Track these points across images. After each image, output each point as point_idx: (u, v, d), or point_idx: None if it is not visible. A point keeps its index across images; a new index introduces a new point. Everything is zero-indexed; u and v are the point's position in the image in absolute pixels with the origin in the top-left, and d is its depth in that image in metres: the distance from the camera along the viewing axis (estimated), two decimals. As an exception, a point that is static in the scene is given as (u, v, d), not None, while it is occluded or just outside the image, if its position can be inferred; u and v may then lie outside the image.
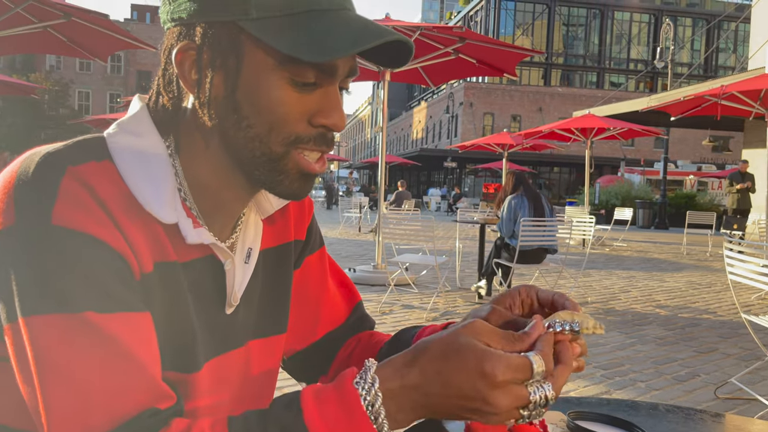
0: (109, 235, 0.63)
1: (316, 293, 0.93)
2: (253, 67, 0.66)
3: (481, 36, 6.90)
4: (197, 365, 0.72)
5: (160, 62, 0.72)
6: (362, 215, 15.39)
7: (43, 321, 0.59)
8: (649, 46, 49.45)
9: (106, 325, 0.60)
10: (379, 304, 5.66)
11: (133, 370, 0.61)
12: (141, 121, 0.72)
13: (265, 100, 0.66)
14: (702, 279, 8.43)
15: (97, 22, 5.40)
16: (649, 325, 5.42)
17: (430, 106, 52.39)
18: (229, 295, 0.77)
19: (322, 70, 0.67)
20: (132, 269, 0.65)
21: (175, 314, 0.70)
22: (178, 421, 0.61)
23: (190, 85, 0.68)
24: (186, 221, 0.70)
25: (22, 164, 0.64)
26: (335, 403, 0.58)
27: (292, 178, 0.70)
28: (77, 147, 0.66)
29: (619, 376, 3.91)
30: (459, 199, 27.39)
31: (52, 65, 47.79)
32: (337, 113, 0.69)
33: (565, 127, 12.25)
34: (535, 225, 5.59)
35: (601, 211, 18.20)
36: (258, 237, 0.82)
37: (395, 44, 0.68)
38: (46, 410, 0.59)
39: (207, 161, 0.72)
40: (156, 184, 0.68)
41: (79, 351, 0.59)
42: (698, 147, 36.38)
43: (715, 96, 7.70)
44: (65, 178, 0.62)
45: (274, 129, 0.67)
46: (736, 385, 3.63)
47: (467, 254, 8.97)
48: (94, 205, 0.63)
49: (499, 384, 0.57)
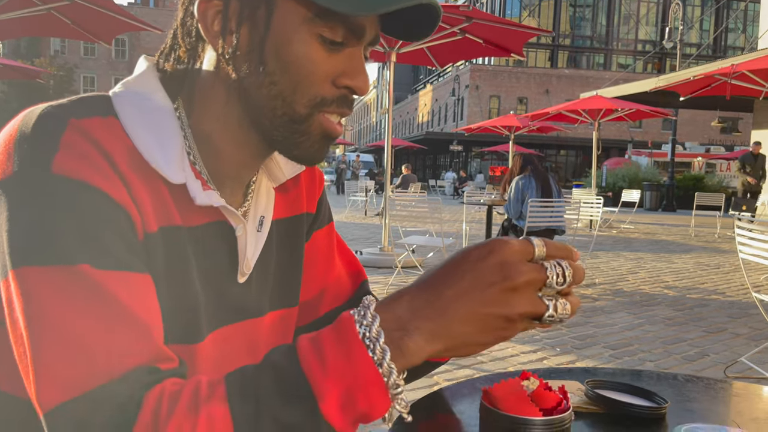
0: (113, 188, 0.60)
1: (323, 269, 0.90)
2: (284, 20, 0.64)
3: (488, 15, 6.82)
4: (200, 335, 0.70)
5: (176, 16, 0.70)
6: (368, 199, 15.36)
7: (35, 272, 0.56)
8: (658, 27, 48.85)
9: (103, 280, 0.57)
10: (386, 287, 5.66)
11: (131, 327, 0.57)
12: (148, 80, 0.69)
13: (293, 56, 0.64)
14: (710, 260, 8.39)
15: (100, 3, 5.36)
16: (657, 305, 5.40)
17: (436, 89, 52.06)
18: (241, 263, 0.75)
19: (352, 30, 0.65)
20: (135, 226, 0.62)
21: (177, 281, 0.67)
22: (174, 379, 0.57)
23: (212, 36, 0.66)
24: (195, 182, 0.67)
25: (23, 119, 0.62)
26: (328, 332, 0.55)
27: (314, 139, 0.69)
28: (81, 102, 0.64)
29: (627, 356, 3.90)
30: (464, 183, 27.32)
31: (57, 50, 47.76)
32: (362, 76, 0.68)
33: (573, 108, 12.14)
34: (543, 206, 5.56)
35: (608, 193, 18.10)
36: (270, 205, 0.80)
37: (422, 10, 0.66)
38: (34, 364, 0.55)
39: (220, 120, 0.70)
40: (163, 143, 0.65)
41: (72, 304, 0.56)
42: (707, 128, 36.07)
43: (726, 75, 7.60)
44: (68, 130, 0.60)
45: (299, 89, 0.65)
46: (746, 364, 3.61)
47: (474, 236, 8.96)
48: (98, 156, 0.60)
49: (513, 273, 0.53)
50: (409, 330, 0.54)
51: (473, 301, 0.53)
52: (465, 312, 0.54)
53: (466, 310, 0.54)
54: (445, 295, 0.54)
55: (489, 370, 3.51)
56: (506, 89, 44.28)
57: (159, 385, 0.55)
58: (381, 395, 0.53)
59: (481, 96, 43.49)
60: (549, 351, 3.94)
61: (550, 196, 5.71)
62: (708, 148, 30.66)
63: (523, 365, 3.65)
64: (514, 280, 0.53)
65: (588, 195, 10.36)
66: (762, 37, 14.68)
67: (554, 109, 12.90)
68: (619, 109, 11.68)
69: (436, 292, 0.55)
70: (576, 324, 4.62)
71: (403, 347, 0.53)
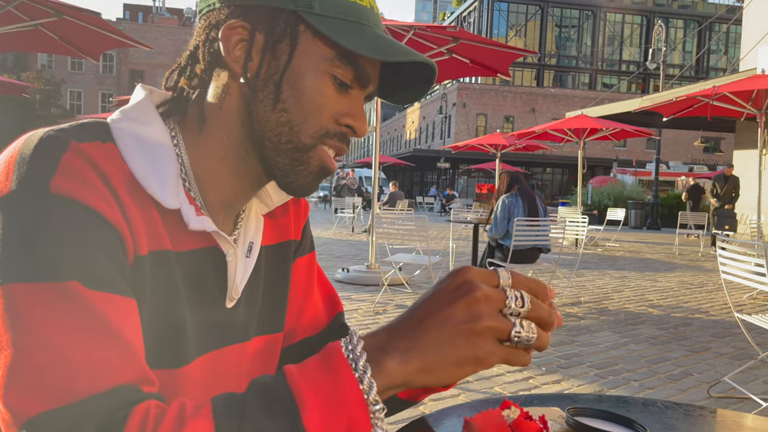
0: (108, 210, 0.62)
1: (301, 297, 0.92)
2: (306, 56, 0.69)
3: (474, 36, 6.89)
4: (186, 359, 0.71)
5: (194, 39, 0.74)
6: (355, 215, 15.36)
7: (23, 288, 0.56)
8: (641, 48, 49.68)
9: (92, 299, 0.57)
10: (372, 304, 5.65)
11: (118, 347, 0.57)
12: (144, 108, 0.72)
13: (308, 89, 0.69)
14: (694, 279, 8.47)
15: (89, 20, 5.36)
16: (642, 324, 5.44)
17: (423, 106, 52.40)
18: (230, 288, 0.76)
19: (359, 77, 0.71)
20: (126, 249, 0.64)
21: (164, 305, 0.68)
22: (158, 402, 0.57)
23: (233, 60, 0.70)
24: (189, 208, 0.70)
25: (25, 140, 0.63)
26: (316, 356, 0.58)
27: (311, 170, 0.73)
28: (81, 127, 0.66)
29: (612, 375, 3.91)
30: (452, 200, 27.39)
31: (44, 64, 47.54)
32: (363, 119, 0.73)
33: (558, 127, 12.28)
34: (529, 224, 5.60)
35: (593, 211, 18.25)
36: (259, 232, 0.82)
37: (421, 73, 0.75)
38: (12, 371, 0.54)
39: (223, 145, 0.73)
40: (159, 170, 0.68)
41: (59, 319, 0.56)
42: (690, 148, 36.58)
43: (707, 97, 7.73)
44: (68, 152, 0.62)
45: (308, 119, 0.70)
46: (729, 383, 3.64)
47: (460, 254, 8.98)
48: (96, 178, 0.62)
49: (473, 287, 0.57)
50: (387, 349, 0.57)
51: (441, 316, 0.57)
52: (434, 325, 0.57)
53: (436, 323, 0.57)
54: (417, 315, 0.58)
55: (475, 390, 3.51)
56: (493, 107, 44.67)
57: (144, 402, 0.55)
58: (361, 409, 0.54)
59: (468, 114, 43.84)
60: (535, 370, 3.95)
61: (536, 215, 5.75)
62: (691, 167, 31.04)
63: (510, 384, 3.65)
64: (473, 294, 0.57)
65: (574, 213, 10.45)
66: (743, 58, 14.97)
67: (540, 128, 13.02)
68: (604, 128, 11.83)
69: (410, 315, 0.59)
70: (561, 343, 4.64)
71: (382, 365, 0.56)
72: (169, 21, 58.20)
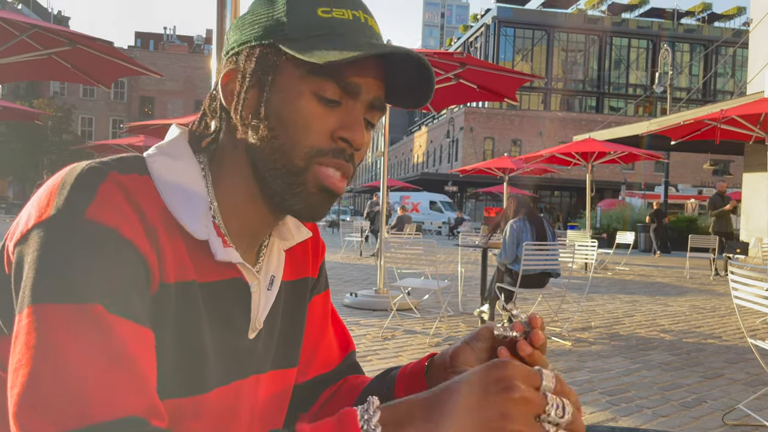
0: (139, 239, 0.65)
1: (316, 334, 0.93)
2: (284, 81, 0.71)
3: (481, 61, 6.96)
4: (204, 387, 0.71)
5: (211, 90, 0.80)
6: (363, 239, 15.35)
7: (49, 309, 0.58)
8: (648, 71, 49.86)
9: (113, 324, 0.59)
10: (381, 330, 5.61)
11: (132, 376, 0.58)
12: (178, 144, 0.77)
13: (293, 112, 0.71)
14: (706, 303, 8.37)
15: (101, 49, 5.45)
16: (654, 350, 5.36)
17: (431, 130, 52.66)
18: (254, 319, 0.78)
19: (345, 88, 0.71)
20: (150, 278, 0.66)
21: (186, 333, 0.69)
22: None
23: (228, 101, 0.75)
24: (216, 239, 0.73)
25: (69, 170, 0.67)
26: (330, 419, 0.57)
27: (310, 191, 0.73)
28: (121, 160, 0.70)
29: (624, 402, 3.85)
30: (461, 224, 27.33)
31: (56, 91, 48.23)
32: (357, 128, 0.72)
33: (566, 151, 12.29)
34: (538, 249, 5.57)
35: (602, 234, 18.16)
36: (281, 266, 0.84)
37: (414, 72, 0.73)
38: (28, 391, 0.56)
39: (241, 181, 0.75)
40: (190, 202, 0.71)
41: (79, 339, 0.57)
42: (699, 171, 36.41)
43: (715, 120, 7.74)
44: (107, 181, 0.65)
45: (298, 142, 0.71)
46: (743, 411, 3.57)
47: (469, 278, 8.93)
48: (129, 207, 0.65)
49: (512, 386, 0.53)
50: (404, 426, 0.55)
51: (470, 406, 0.54)
52: (460, 414, 0.54)
53: (462, 412, 0.54)
54: (443, 397, 0.55)
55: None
56: (500, 131, 44.83)
57: None
58: None
59: (475, 138, 43.99)
60: (545, 397, 3.89)
61: (544, 239, 5.72)
62: (700, 189, 30.94)
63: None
64: (511, 394, 0.53)
65: (583, 237, 10.40)
66: (750, 82, 14.98)
67: (548, 152, 13.04)
68: (612, 152, 11.82)
69: (437, 396, 0.56)
70: (572, 369, 4.58)
71: None
72: (180, 48, 58.97)
